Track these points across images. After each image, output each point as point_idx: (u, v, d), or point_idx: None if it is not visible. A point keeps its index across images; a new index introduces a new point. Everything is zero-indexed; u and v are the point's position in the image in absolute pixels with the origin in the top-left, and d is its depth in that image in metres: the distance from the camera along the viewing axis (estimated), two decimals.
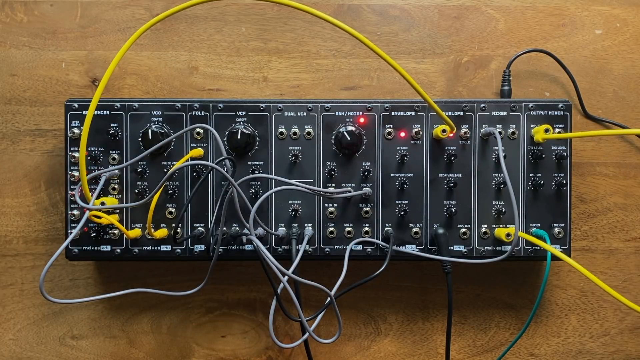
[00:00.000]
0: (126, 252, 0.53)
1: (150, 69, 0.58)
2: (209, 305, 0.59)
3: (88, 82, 0.58)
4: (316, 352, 0.58)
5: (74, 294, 0.58)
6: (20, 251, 0.58)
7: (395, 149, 0.53)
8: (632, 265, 0.59)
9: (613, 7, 0.59)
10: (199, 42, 0.59)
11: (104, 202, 0.51)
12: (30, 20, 0.58)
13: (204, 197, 0.53)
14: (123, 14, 0.58)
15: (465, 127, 0.53)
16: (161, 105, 0.53)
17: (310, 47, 0.59)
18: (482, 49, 0.59)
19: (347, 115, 0.53)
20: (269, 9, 0.59)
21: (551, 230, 0.53)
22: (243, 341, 0.59)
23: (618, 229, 0.59)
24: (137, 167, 0.53)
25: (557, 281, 0.59)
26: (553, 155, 0.53)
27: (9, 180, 0.58)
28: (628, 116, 0.59)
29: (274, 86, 0.59)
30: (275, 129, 0.53)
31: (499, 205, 0.53)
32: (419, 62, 0.59)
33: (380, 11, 0.59)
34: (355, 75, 0.59)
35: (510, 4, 0.59)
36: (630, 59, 0.59)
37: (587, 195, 0.59)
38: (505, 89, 0.57)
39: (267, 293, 0.59)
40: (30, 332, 0.58)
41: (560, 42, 0.59)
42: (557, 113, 0.53)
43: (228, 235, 0.52)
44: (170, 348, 0.59)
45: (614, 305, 0.59)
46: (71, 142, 0.53)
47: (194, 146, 0.53)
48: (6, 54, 0.58)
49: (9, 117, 0.58)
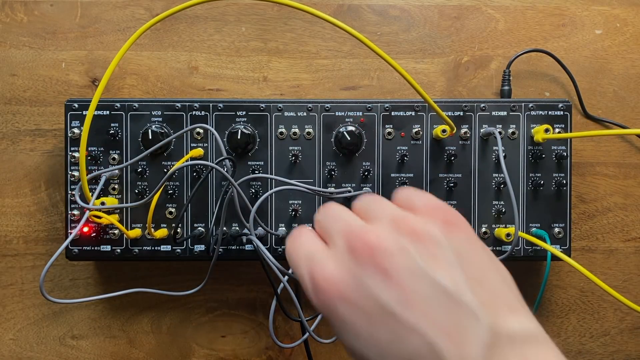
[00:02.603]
0: (126, 252, 0.53)
1: (150, 69, 0.58)
2: (209, 305, 0.59)
3: (88, 82, 0.58)
4: (316, 352, 0.58)
5: (74, 294, 0.58)
6: (20, 251, 0.58)
7: (395, 149, 0.53)
8: (632, 265, 0.59)
9: (613, 7, 0.59)
10: (199, 42, 0.59)
11: (104, 202, 0.51)
12: (30, 20, 0.58)
13: (204, 197, 0.53)
14: (123, 14, 0.58)
15: (465, 127, 0.53)
16: (161, 105, 0.53)
17: (310, 47, 0.59)
18: (482, 49, 0.59)
19: (347, 115, 0.53)
20: (269, 9, 0.59)
21: (551, 230, 0.53)
22: (243, 341, 0.59)
23: (618, 229, 0.59)
24: (137, 167, 0.53)
25: (557, 281, 0.59)
26: (553, 155, 0.53)
27: (9, 180, 0.58)
28: (628, 116, 0.59)
29: (274, 86, 0.59)
30: (275, 129, 0.53)
31: (499, 205, 0.53)
32: (419, 62, 0.59)
33: (380, 11, 0.59)
34: (355, 75, 0.59)
35: (510, 4, 0.59)
36: (630, 59, 0.59)
37: (587, 195, 0.59)
38: (505, 89, 0.57)
39: (267, 293, 0.59)
40: (30, 332, 0.58)
41: (560, 42, 0.59)
42: (557, 113, 0.53)
43: (228, 235, 0.52)
44: (170, 348, 0.59)
45: (614, 305, 0.59)
46: (71, 142, 0.53)
47: (194, 146, 0.53)
48: (6, 54, 0.58)
49: (9, 117, 0.58)
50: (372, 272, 0.27)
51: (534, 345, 0.27)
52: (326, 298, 0.27)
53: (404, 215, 0.28)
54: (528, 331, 0.27)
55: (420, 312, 0.26)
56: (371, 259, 0.27)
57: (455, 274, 0.27)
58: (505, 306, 0.27)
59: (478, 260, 0.28)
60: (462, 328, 0.26)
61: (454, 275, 0.27)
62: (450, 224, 0.29)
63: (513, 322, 0.27)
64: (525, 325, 0.27)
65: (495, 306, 0.27)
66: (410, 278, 0.26)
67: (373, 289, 0.26)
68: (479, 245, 0.29)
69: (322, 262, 0.28)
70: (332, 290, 0.27)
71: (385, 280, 0.26)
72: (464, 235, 0.29)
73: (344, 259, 0.28)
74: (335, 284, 0.27)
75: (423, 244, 0.27)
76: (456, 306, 0.26)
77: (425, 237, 0.27)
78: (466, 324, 0.26)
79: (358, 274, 0.27)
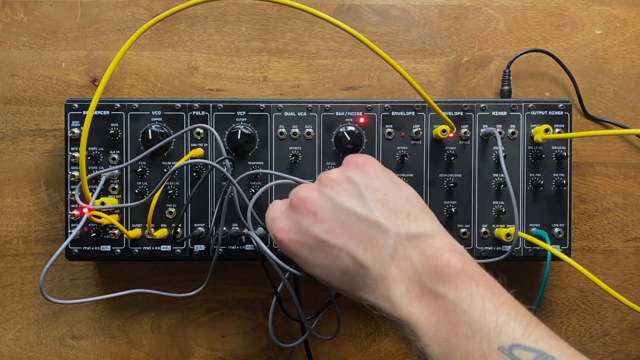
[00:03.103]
0: (126, 252, 0.53)
1: (150, 69, 0.58)
2: (209, 306, 0.59)
3: (88, 82, 0.58)
4: (316, 352, 0.58)
5: (74, 294, 0.58)
6: (20, 251, 0.58)
7: (395, 149, 0.53)
8: (632, 265, 0.59)
9: (613, 7, 0.59)
10: (199, 42, 0.59)
11: (104, 202, 0.51)
12: (30, 20, 0.58)
13: (204, 197, 0.53)
14: (123, 14, 0.58)
15: (465, 127, 0.53)
16: (161, 105, 0.53)
17: (310, 47, 0.59)
18: (482, 49, 0.59)
19: (347, 115, 0.53)
20: (269, 9, 0.59)
21: (551, 230, 0.53)
22: (243, 341, 0.59)
23: (618, 229, 0.59)
24: (137, 167, 0.53)
25: (557, 281, 0.59)
26: (553, 155, 0.53)
27: (9, 180, 0.58)
28: (628, 116, 0.59)
29: (274, 86, 0.59)
30: (275, 129, 0.53)
31: (499, 205, 0.53)
32: (419, 62, 0.59)
33: (380, 11, 0.59)
34: (355, 75, 0.59)
35: (510, 4, 0.59)
36: (630, 59, 0.59)
37: (587, 195, 0.59)
38: (505, 89, 0.57)
39: (267, 293, 0.59)
40: (30, 332, 0.58)
41: (560, 42, 0.59)
42: (557, 113, 0.53)
43: (228, 235, 0.52)
44: (170, 348, 0.59)
45: (614, 305, 0.59)
46: (71, 142, 0.53)
47: (194, 146, 0.53)
48: (6, 54, 0.58)
49: (9, 117, 0.58)
50: (306, 216, 0.37)
51: (428, 238, 0.35)
52: (283, 244, 0.39)
53: (327, 172, 0.39)
54: (425, 231, 0.36)
55: (343, 235, 0.36)
56: (303, 206, 0.38)
57: (365, 202, 0.37)
58: (407, 217, 0.36)
59: (383, 187, 0.38)
60: (373, 240, 0.35)
61: (364, 203, 0.37)
62: (359, 166, 0.39)
63: (413, 227, 0.36)
64: (422, 227, 0.36)
65: (399, 218, 0.36)
66: (331, 213, 0.37)
67: (308, 228, 0.37)
68: (384, 176, 0.39)
69: (277, 219, 0.40)
70: (284, 237, 0.38)
71: (315, 219, 0.37)
72: (371, 171, 0.38)
73: (289, 213, 0.39)
74: (286, 232, 0.38)
75: (339, 186, 0.38)
76: (367, 225, 0.36)
77: (340, 181, 0.38)
78: (377, 237, 0.35)
79: (297, 220, 0.38)
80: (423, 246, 0.35)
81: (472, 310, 0.31)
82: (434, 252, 0.34)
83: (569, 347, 0.30)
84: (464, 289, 0.32)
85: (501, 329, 0.30)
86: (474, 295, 0.32)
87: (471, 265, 0.34)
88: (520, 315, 0.31)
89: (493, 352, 0.30)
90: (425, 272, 0.34)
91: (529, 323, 0.31)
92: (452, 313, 0.32)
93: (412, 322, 0.33)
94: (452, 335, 0.31)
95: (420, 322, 0.33)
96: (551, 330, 0.31)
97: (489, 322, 0.31)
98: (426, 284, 0.33)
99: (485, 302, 0.32)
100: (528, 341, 0.30)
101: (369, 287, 0.35)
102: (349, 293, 0.37)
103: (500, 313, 0.31)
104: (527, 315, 0.32)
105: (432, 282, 0.33)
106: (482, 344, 0.30)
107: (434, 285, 0.33)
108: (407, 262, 0.35)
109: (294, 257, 0.39)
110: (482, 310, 0.31)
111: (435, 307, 0.33)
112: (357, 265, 0.36)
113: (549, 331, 0.31)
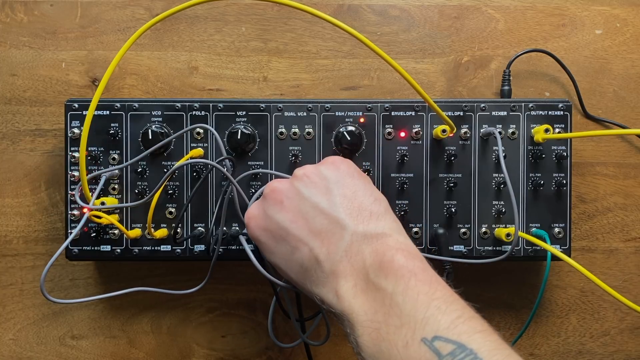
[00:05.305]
0: (126, 252, 0.53)
1: (150, 69, 0.58)
2: (209, 305, 0.59)
3: (88, 82, 0.58)
4: (316, 352, 0.58)
5: (74, 294, 0.58)
6: (20, 251, 0.58)
7: (395, 149, 0.53)
8: (632, 265, 0.59)
9: (613, 7, 0.59)
10: (199, 42, 0.59)
11: (104, 202, 0.51)
12: (30, 20, 0.58)
13: (204, 197, 0.53)
14: (123, 14, 0.58)
15: (465, 127, 0.53)
16: (161, 105, 0.53)
17: (310, 47, 0.59)
18: (482, 49, 0.59)
19: (347, 115, 0.53)
20: (269, 9, 0.59)
21: (551, 230, 0.53)
22: (243, 341, 0.59)
23: (618, 229, 0.59)
24: (137, 167, 0.53)
25: (557, 281, 0.59)
26: (553, 155, 0.53)
27: (9, 180, 0.58)
28: (628, 116, 0.59)
29: (274, 86, 0.59)
30: (275, 129, 0.53)
31: (499, 205, 0.53)
32: (419, 62, 0.59)
33: (380, 11, 0.59)
34: (355, 75, 0.59)
35: (510, 4, 0.59)
36: (630, 59, 0.59)
37: (587, 195, 0.59)
38: (505, 89, 0.57)
39: (267, 293, 0.59)
40: (30, 332, 0.58)
41: (560, 42, 0.59)
42: (557, 113, 0.53)
43: (228, 235, 0.52)
44: (170, 348, 0.59)
45: (614, 305, 0.59)
46: (71, 142, 0.53)
47: (194, 146, 0.53)
48: (6, 54, 0.58)
49: (9, 117, 0.58)
50: (273, 204, 0.40)
51: (384, 237, 0.36)
52: (249, 229, 0.41)
53: (303, 166, 0.42)
54: (383, 230, 0.37)
55: (303, 226, 0.38)
56: (272, 195, 0.40)
57: (331, 196, 0.38)
58: (370, 215, 0.37)
59: (353, 185, 0.39)
60: (331, 234, 0.37)
61: (329, 197, 0.38)
62: (334, 163, 0.41)
63: (372, 225, 0.37)
64: (381, 227, 0.37)
65: (361, 216, 0.37)
66: (297, 203, 0.39)
67: (273, 215, 0.39)
68: (358, 177, 0.40)
69: (250, 208, 0.42)
70: (251, 222, 0.41)
71: (280, 207, 0.39)
72: (344, 169, 0.40)
73: (261, 202, 0.42)
74: (254, 218, 0.41)
75: (310, 181, 0.39)
76: (328, 219, 0.37)
77: (313, 176, 0.40)
78: (335, 231, 0.37)
79: (265, 208, 0.40)
80: (377, 244, 0.36)
81: (405, 302, 0.32)
82: (384, 249, 0.35)
83: (497, 342, 0.30)
84: (402, 282, 0.33)
85: (427, 321, 0.31)
86: (410, 289, 0.32)
87: (417, 262, 0.35)
88: (452, 309, 0.31)
89: (415, 343, 0.30)
90: (372, 266, 0.35)
91: (458, 317, 0.31)
92: (387, 305, 0.32)
93: (351, 314, 0.34)
94: (383, 326, 0.32)
95: (359, 314, 0.33)
96: (488, 326, 0.31)
97: (418, 314, 0.31)
98: (371, 278, 0.34)
99: (419, 296, 0.32)
100: (451, 334, 0.30)
101: (321, 281, 0.36)
102: (302, 287, 0.38)
103: (432, 307, 0.31)
104: (461, 310, 0.32)
105: (376, 276, 0.34)
106: (407, 334, 0.31)
107: (377, 279, 0.34)
108: (359, 257, 0.35)
109: (257, 242, 0.41)
110: (415, 303, 0.32)
111: (374, 300, 0.33)
112: (312, 259, 0.37)
113: (481, 326, 0.31)
